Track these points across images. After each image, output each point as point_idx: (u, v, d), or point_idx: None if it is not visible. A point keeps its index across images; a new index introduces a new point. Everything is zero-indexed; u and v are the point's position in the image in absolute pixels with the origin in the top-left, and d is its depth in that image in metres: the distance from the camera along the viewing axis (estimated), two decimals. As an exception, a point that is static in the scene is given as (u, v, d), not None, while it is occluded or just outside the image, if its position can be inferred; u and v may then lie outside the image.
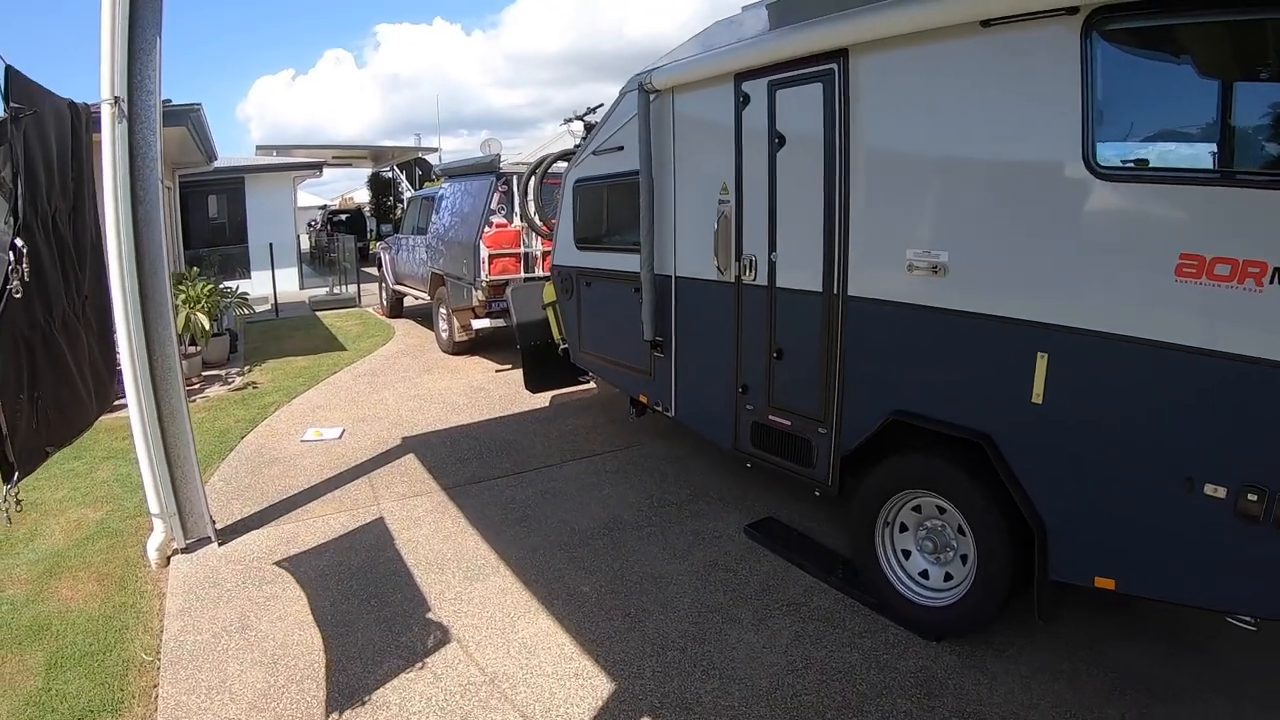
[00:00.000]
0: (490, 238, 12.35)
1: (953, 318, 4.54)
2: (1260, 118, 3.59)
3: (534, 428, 9.57)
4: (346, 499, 7.28)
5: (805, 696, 4.43)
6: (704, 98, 6.26)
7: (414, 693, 4.46)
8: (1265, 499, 3.40)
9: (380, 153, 31.60)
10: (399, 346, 14.91)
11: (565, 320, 8.85)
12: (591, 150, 7.84)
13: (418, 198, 17.03)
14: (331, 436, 9.20)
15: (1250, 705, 4.30)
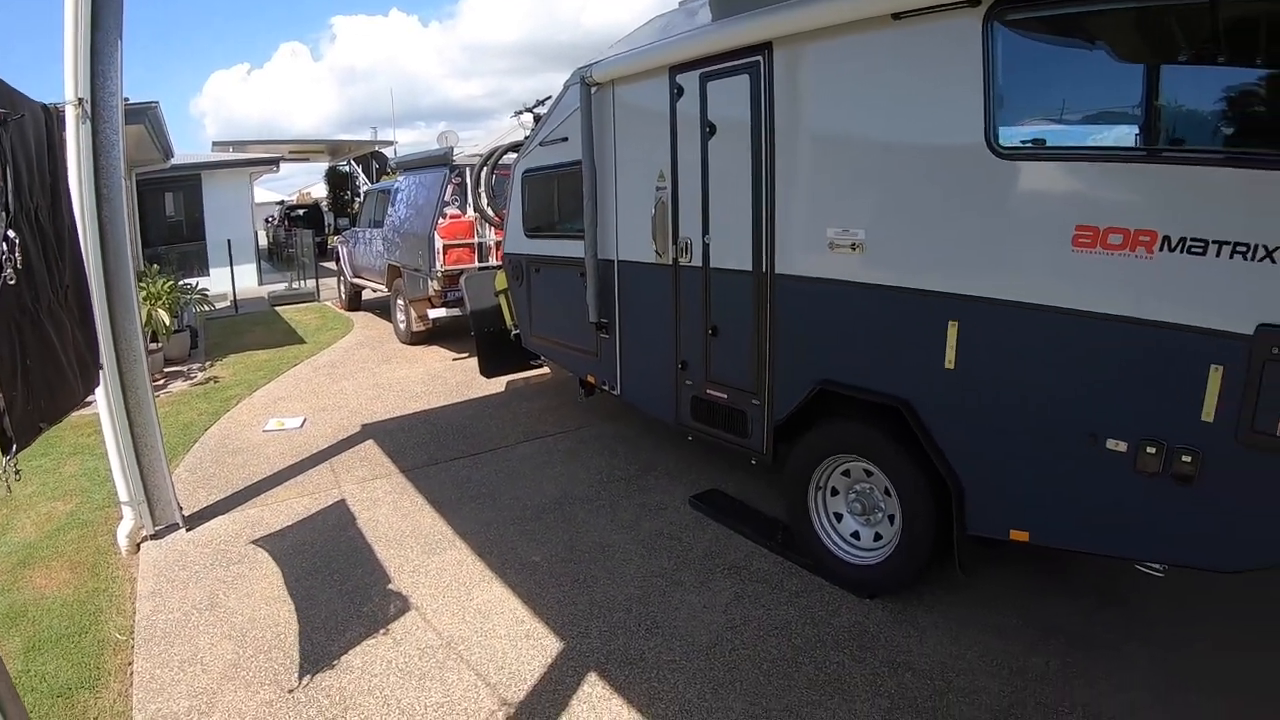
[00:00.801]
0: (444, 229, 12.43)
1: (871, 291, 4.78)
2: (1148, 98, 3.84)
3: (489, 411, 9.75)
4: (308, 484, 7.43)
5: (743, 650, 4.66)
6: (641, 90, 6.44)
7: (376, 657, 4.66)
8: (1163, 452, 3.64)
9: (337, 147, 31.34)
10: (358, 338, 14.96)
11: (517, 306, 9.01)
12: (538, 141, 7.99)
13: (374, 191, 17.03)
14: (293, 426, 9.30)
15: (1161, 650, 4.56)
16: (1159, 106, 3.80)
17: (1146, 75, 3.86)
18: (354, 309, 18.20)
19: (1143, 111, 3.86)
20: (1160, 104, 3.80)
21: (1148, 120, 3.84)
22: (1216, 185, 3.47)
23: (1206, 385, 3.49)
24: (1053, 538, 4.32)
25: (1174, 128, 3.77)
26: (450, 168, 12.78)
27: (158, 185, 22.47)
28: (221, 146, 25.16)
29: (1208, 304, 3.46)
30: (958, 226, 4.33)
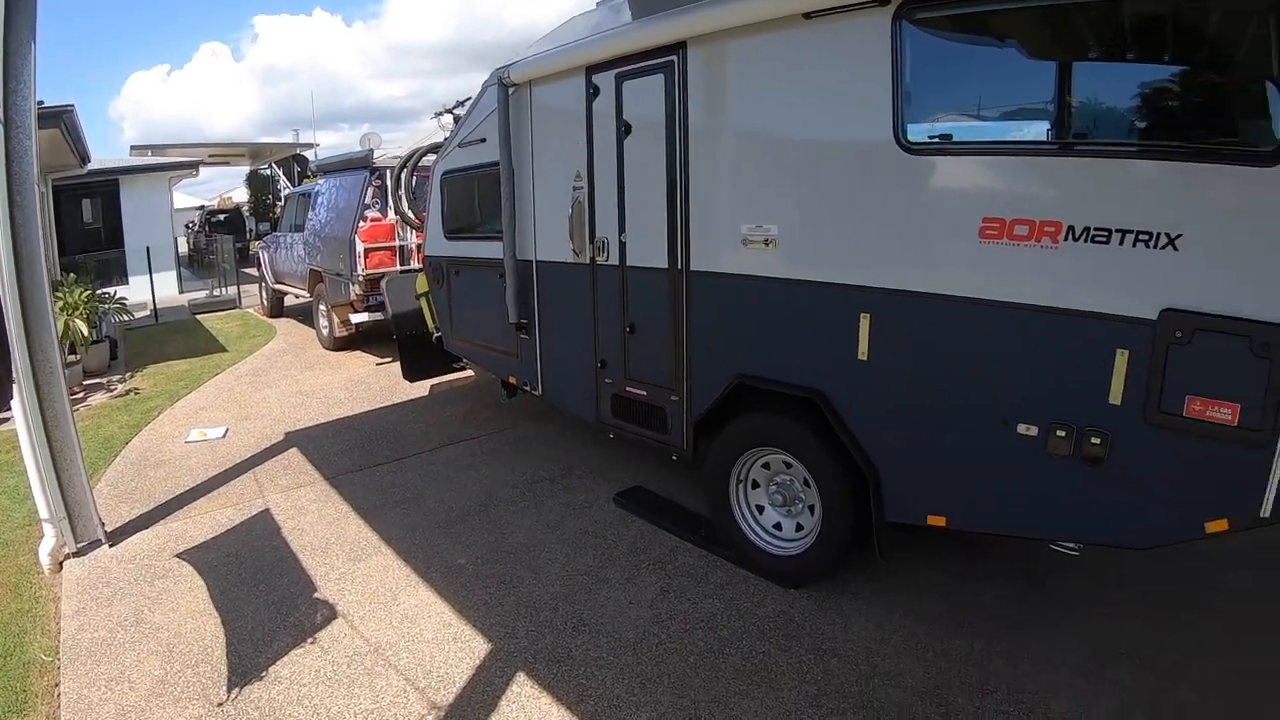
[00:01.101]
0: (365, 232, 12.34)
1: (785, 286, 4.83)
2: (1052, 94, 3.94)
3: (413, 416, 9.70)
4: (232, 494, 7.31)
5: (669, 644, 4.69)
6: (558, 90, 6.44)
7: (304, 666, 4.61)
8: (1072, 435, 3.75)
9: (258, 150, 30.71)
10: (280, 345, 14.76)
11: (438, 309, 8.95)
12: (457, 143, 7.95)
13: (295, 194, 16.78)
14: (215, 436, 9.15)
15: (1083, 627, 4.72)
16: (1062, 102, 3.89)
17: (1050, 72, 3.96)
18: (276, 315, 17.92)
19: (1047, 107, 3.97)
20: (1063, 100, 3.89)
21: (1052, 115, 3.94)
22: (1119, 177, 3.58)
23: (1113, 369, 3.60)
24: (969, 521, 4.40)
25: (1077, 122, 3.84)
26: (370, 170, 12.67)
27: (75, 191, 21.90)
28: (140, 151, 24.49)
29: (1113, 291, 3.56)
30: (868, 221, 4.39)
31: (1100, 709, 4.06)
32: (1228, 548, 5.39)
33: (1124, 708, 4.06)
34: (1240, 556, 5.33)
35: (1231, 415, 3.32)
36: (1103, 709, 4.06)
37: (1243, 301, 3.27)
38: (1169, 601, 4.98)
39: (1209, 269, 3.34)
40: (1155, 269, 3.42)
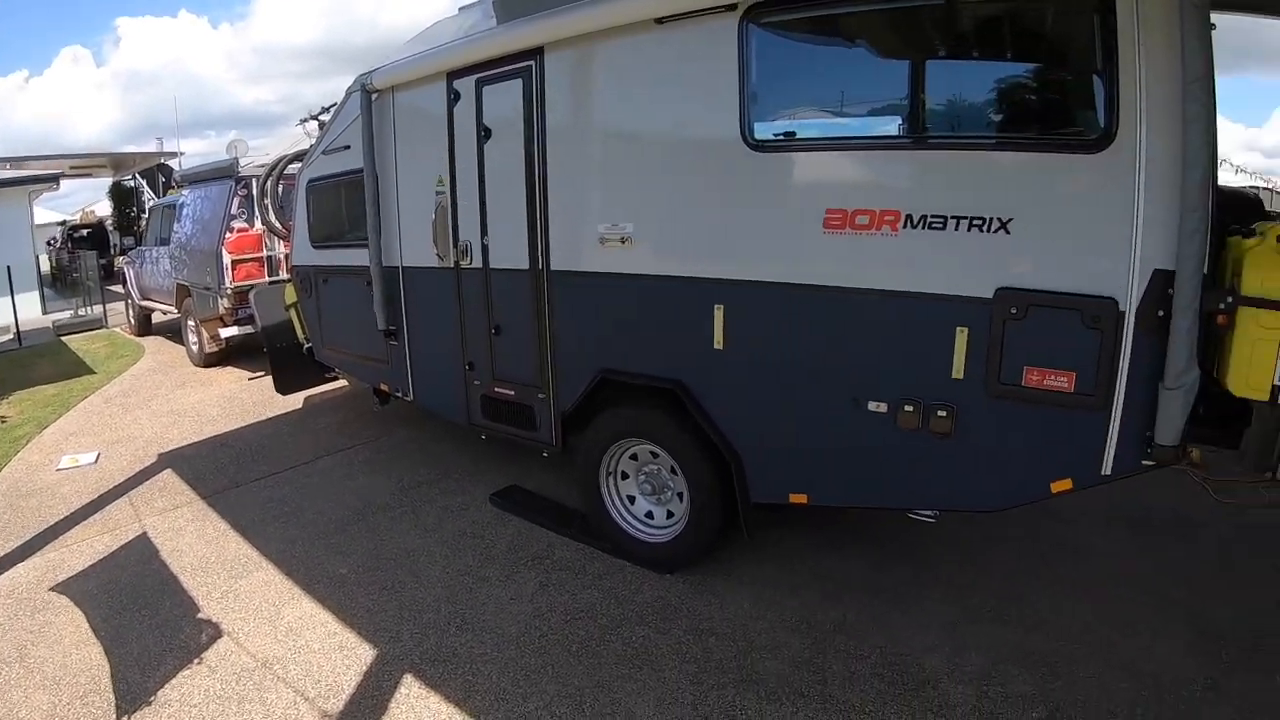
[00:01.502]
0: (232, 243, 12.06)
1: (642, 281, 4.95)
2: (890, 91, 4.18)
3: (287, 429, 9.57)
4: (109, 520, 7.11)
5: (551, 636, 4.77)
6: (420, 96, 6.45)
7: (194, 687, 4.54)
8: (920, 409, 3.98)
9: (121, 160, 29.70)
10: (150, 364, 14.32)
11: (307, 319, 8.83)
12: (322, 150, 7.86)
13: (159, 206, 16.22)
14: (87, 462, 8.86)
15: (950, 591, 4.99)
16: (900, 99, 4.12)
17: (889, 71, 4.22)
18: (144, 334, 17.33)
19: (885, 104, 4.21)
20: (901, 97, 4.12)
21: (890, 112, 4.17)
22: (953, 168, 3.83)
23: (955, 346, 3.83)
24: (830, 497, 4.61)
25: (915, 118, 4.04)
26: (236, 180, 12.39)
27: None
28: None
29: (950, 273, 3.79)
30: (720, 216, 4.55)
31: (970, 664, 4.30)
32: (1081, 511, 5.82)
33: (993, 660, 4.32)
34: (1094, 518, 5.74)
35: (1068, 383, 3.59)
36: (972, 664, 4.30)
37: (1073, 278, 3.54)
38: (1029, 561, 5.29)
39: (1040, 250, 3.60)
40: (990, 251, 3.67)
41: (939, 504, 4.30)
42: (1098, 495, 5.88)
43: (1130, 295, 3.42)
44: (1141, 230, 3.35)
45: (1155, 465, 3.57)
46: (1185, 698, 3.99)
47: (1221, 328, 3.41)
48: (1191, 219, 3.20)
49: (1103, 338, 3.48)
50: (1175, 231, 3.25)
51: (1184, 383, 3.33)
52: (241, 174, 12.44)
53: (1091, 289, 3.50)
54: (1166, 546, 5.42)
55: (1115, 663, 4.27)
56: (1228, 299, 3.37)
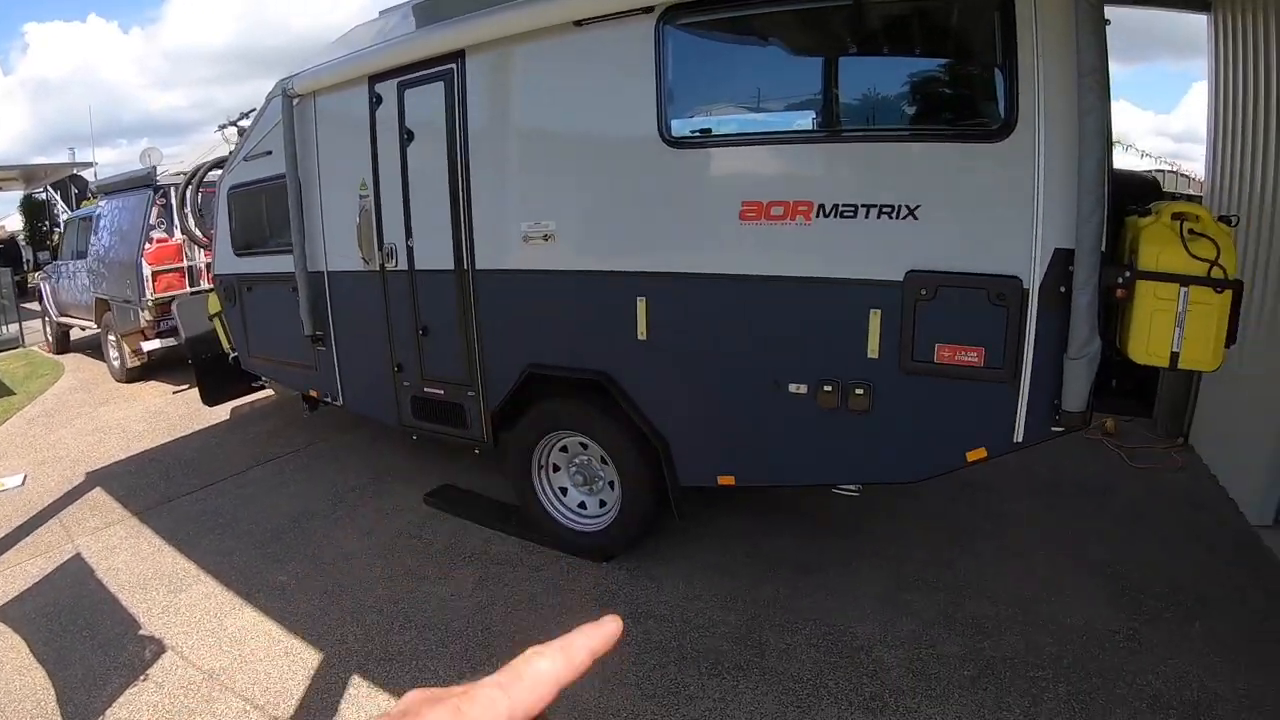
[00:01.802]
0: (151, 254, 11.86)
1: (566, 277, 5.07)
2: (801, 86, 4.42)
3: (217, 441, 9.51)
4: (39, 543, 6.99)
5: (495, 627, 4.91)
6: (342, 100, 6.46)
7: (141, 704, 4.52)
8: (838, 389, 4.17)
9: (31, 172, 28.78)
10: (70, 382, 14.04)
11: (232, 328, 8.77)
12: (242, 156, 7.82)
13: (75, 219, 15.86)
14: (13, 485, 8.66)
15: (882, 563, 5.22)
16: (811, 95, 4.34)
17: (799, 68, 4.44)
18: (63, 351, 16.95)
19: (796, 100, 4.44)
20: (812, 93, 4.33)
21: (801, 107, 4.39)
22: (861, 159, 4.04)
23: (869, 327, 4.01)
24: (756, 477, 4.80)
25: (824, 112, 4.24)
26: (154, 189, 12.17)
27: None
28: (-102, 181, 22.97)
29: (862, 259, 3.98)
30: (639, 211, 4.69)
31: (902, 629, 4.53)
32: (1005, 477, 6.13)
33: (924, 625, 4.55)
34: (1015, 487, 6.03)
35: (978, 357, 3.81)
36: (904, 629, 4.53)
37: (979, 259, 3.74)
38: (955, 531, 5.56)
39: (947, 234, 3.80)
40: (899, 237, 3.86)
41: (861, 478, 4.51)
42: (1018, 466, 6.23)
43: (1033, 273, 3.63)
44: (1042, 213, 3.56)
45: (1064, 431, 3.77)
46: (1109, 648, 4.24)
47: (1121, 301, 3.61)
48: (1088, 201, 3.40)
49: (1009, 314, 3.69)
50: (1074, 213, 3.46)
51: (1087, 353, 3.55)
52: (159, 183, 12.25)
53: (997, 269, 3.70)
54: (1084, 510, 5.72)
55: (1040, 620, 4.50)
56: (1125, 274, 3.57)
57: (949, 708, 3.90)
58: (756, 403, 4.48)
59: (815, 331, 4.22)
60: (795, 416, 4.36)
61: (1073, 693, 3.94)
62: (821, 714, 3.93)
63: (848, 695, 4.05)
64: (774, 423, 4.47)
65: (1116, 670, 4.08)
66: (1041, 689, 3.98)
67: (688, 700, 4.12)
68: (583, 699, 4.19)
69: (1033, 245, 3.60)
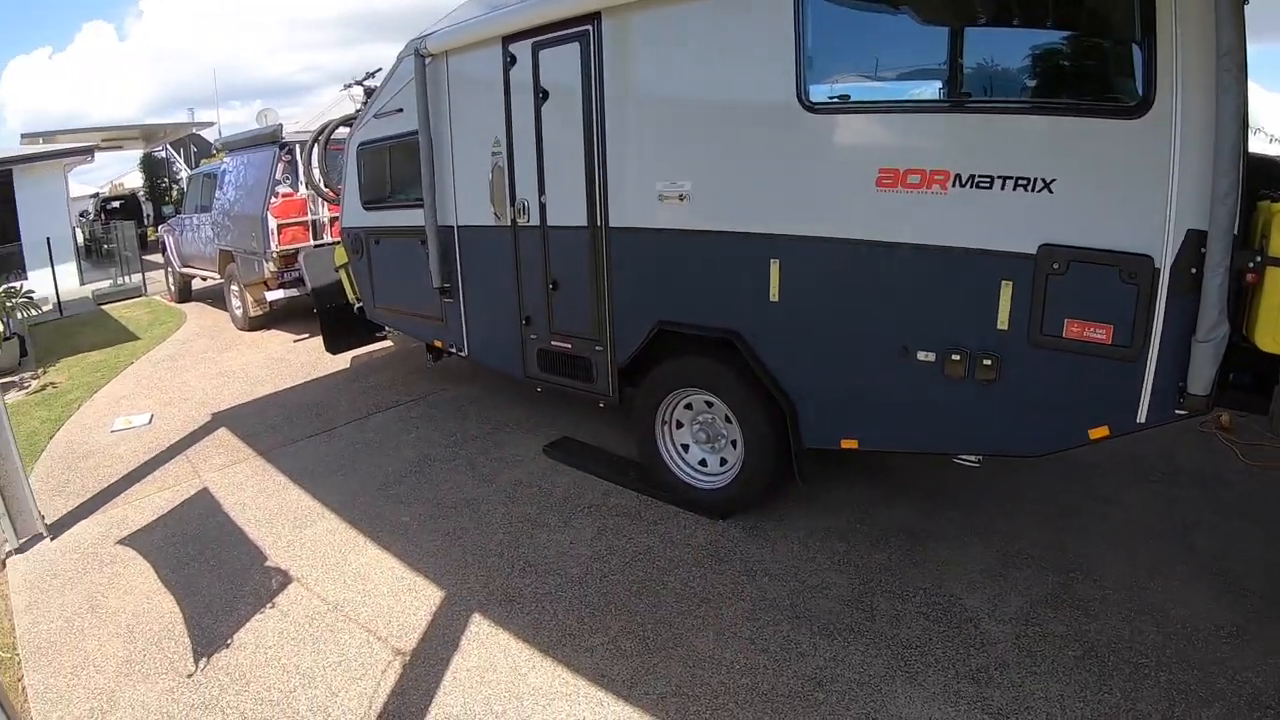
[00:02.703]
0: (277, 208, 12.26)
1: (699, 237, 5.21)
2: (941, 55, 4.39)
3: (338, 388, 9.79)
4: (168, 477, 7.31)
5: (612, 576, 5.06)
6: (475, 60, 6.63)
7: (267, 630, 4.78)
8: (966, 358, 4.24)
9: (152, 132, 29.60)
10: (193, 329, 14.53)
11: (358, 279, 9.05)
12: (373, 114, 8.04)
13: (198, 175, 16.40)
14: (141, 423, 9.05)
15: (993, 537, 5.25)
16: (951, 63, 4.34)
17: (940, 36, 4.41)
18: (185, 300, 17.56)
19: (936, 68, 4.43)
20: (952, 61, 4.34)
21: (941, 75, 4.41)
22: (1000, 130, 4.05)
23: (1000, 298, 4.07)
24: (878, 442, 4.91)
25: (964, 82, 4.29)
26: (280, 145, 12.55)
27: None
28: (31, 139, 23.73)
29: (996, 230, 4.04)
30: (776, 174, 4.79)
31: (1010, 605, 4.55)
32: (1118, 463, 6.08)
33: (1032, 602, 4.57)
34: (1126, 473, 5.97)
35: (1106, 335, 3.83)
36: (1013, 605, 4.55)
37: (1112, 235, 3.77)
38: (1066, 512, 5.52)
39: (1081, 209, 3.82)
40: (1034, 210, 3.91)
41: (983, 449, 4.54)
42: (1131, 454, 6.18)
43: (1165, 253, 3.63)
44: (1176, 192, 3.56)
45: (1187, 415, 3.78)
46: (1212, 642, 4.18)
47: (1251, 286, 3.61)
48: (1224, 182, 3.39)
49: (1139, 293, 3.71)
50: (1208, 194, 3.45)
51: (1214, 336, 3.55)
52: (285, 140, 12.62)
53: (1129, 246, 3.72)
54: (1195, 502, 5.61)
55: (1146, 608, 4.47)
56: (1257, 258, 3.57)
57: (1052, 685, 3.91)
58: (884, 368, 4.56)
59: (946, 300, 4.27)
60: (921, 383, 4.44)
61: (1172, 682, 3.91)
62: (928, 681, 3.98)
63: (954, 665, 4.09)
64: (900, 389, 4.54)
65: (1218, 664, 4.03)
66: (1143, 675, 3.96)
67: (799, 657, 4.22)
68: (698, 648, 4.34)
69: (1166, 224, 3.60)
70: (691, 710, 3.90)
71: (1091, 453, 5.97)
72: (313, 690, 4.26)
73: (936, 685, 3.95)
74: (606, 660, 4.31)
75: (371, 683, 4.28)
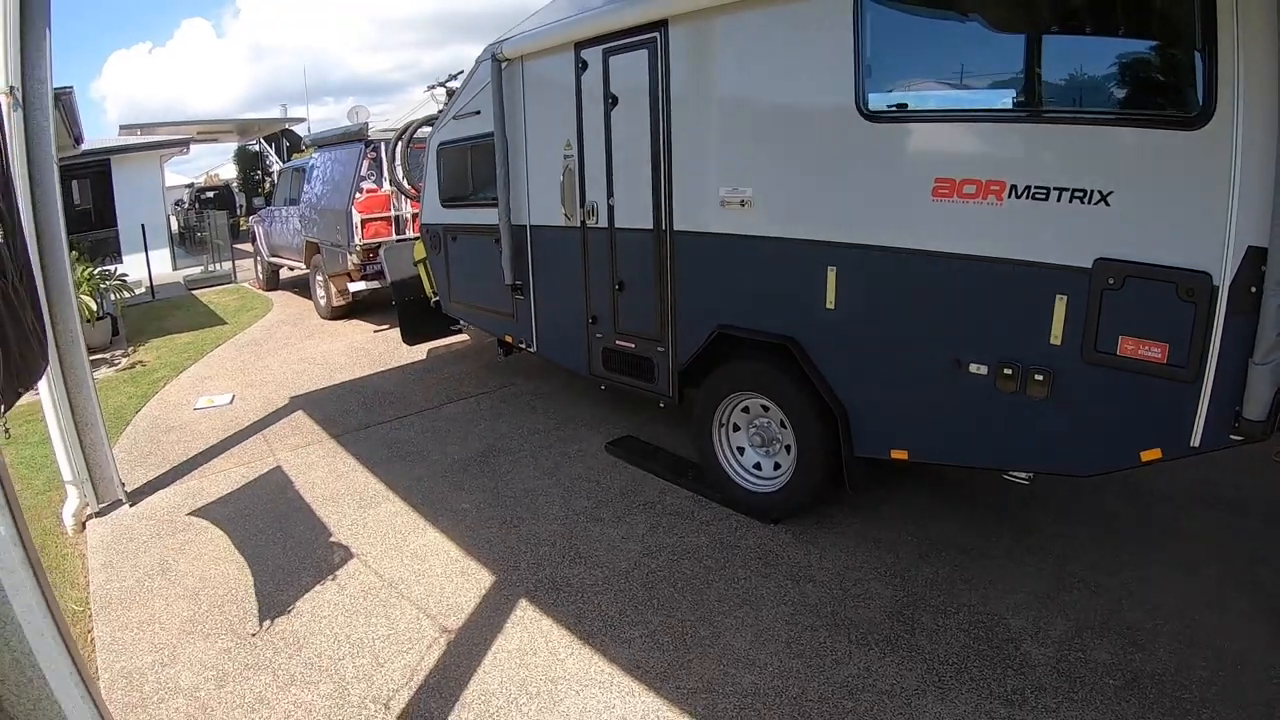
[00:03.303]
0: (362, 203, 12.49)
1: (760, 243, 5.22)
2: (996, 64, 4.35)
3: (413, 378, 9.97)
4: (244, 454, 7.58)
5: (659, 573, 5.10)
6: (549, 65, 6.73)
7: (324, 601, 4.99)
8: (1019, 373, 4.14)
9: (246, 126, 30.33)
10: (278, 316, 14.86)
11: (436, 274, 9.22)
12: (452, 115, 8.18)
13: (288, 169, 16.80)
14: (223, 402, 9.34)
15: (1045, 557, 5.10)
16: (1007, 73, 4.29)
17: (997, 45, 4.34)
18: (272, 288, 17.94)
19: (993, 78, 4.36)
20: (1008, 71, 4.29)
21: (998, 85, 4.34)
22: (1056, 141, 3.98)
23: (1054, 313, 3.98)
24: (929, 454, 4.83)
25: (1021, 91, 4.21)
26: (366, 143, 12.78)
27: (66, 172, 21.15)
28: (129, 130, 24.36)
29: (1052, 242, 3.95)
30: (834, 182, 4.78)
31: (1055, 628, 4.41)
32: (1184, 489, 5.84)
33: (1078, 627, 4.42)
34: (1190, 498, 5.76)
35: (1161, 354, 3.69)
36: (1058, 629, 4.41)
37: (1169, 251, 3.64)
38: (1123, 537, 5.34)
39: (1138, 223, 3.71)
40: (1090, 223, 3.81)
41: (1033, 466, 4.44)
42: (1198, 478, 5.94)
43: (1224, 270, 3.48)
44: (1237, 207, 3.40)
45: (1243, 441, 3.61)
46: (1262, 683, 3.96)
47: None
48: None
49: (1196, 311, 3.56)
50: (1270, 209, 3.32)
51: (1273, 359, 3.40)
52: (370, 138, 12.82)
53: (1187, 263, 3.58)
54: (1262, 534, 5.36)
55: (1197, 641, 4.28)
56: (1319, 278, 3.44)
57: (1086, 713, 3.79)
58: (936, 379, 4.51)
59: (1000, 313, 4.21)
60: (973, 397, 4.37)
61: (1214, 719, 3.78)
62: (960, 698, 3.92)
63: (989, 685, 4.00)
64: (951, 401, 4.49)
65: (1265, 706, 3.84)
66: (1184, 711, 3.78)
67: (834, 664, 4.19)
68: (734, 647, 4.35)
69: (1225, 241, 3.45)
70: (719, 707, 3.92)
71: (1157, 477, 5.87)
72: (360, 659, 4.41)
73: (968, 704, 3.88)
74: (643, 652, 4.36)
75: (416, 656, 4.42)
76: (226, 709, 4.07)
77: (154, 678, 4.35)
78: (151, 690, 4.25)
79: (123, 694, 4.24)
